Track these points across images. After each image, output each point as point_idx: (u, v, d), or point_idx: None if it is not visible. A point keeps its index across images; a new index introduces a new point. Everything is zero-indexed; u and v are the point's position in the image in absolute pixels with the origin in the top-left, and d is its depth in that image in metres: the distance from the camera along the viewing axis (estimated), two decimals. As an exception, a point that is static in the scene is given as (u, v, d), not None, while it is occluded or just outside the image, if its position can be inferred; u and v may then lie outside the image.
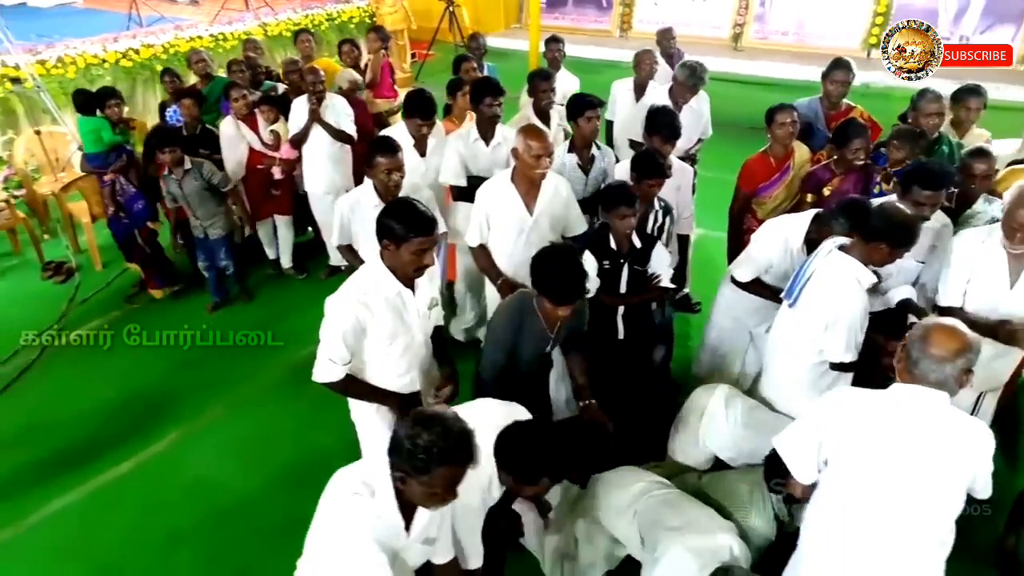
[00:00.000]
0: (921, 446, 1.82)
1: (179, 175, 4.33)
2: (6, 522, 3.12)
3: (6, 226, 5.28)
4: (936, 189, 2.82)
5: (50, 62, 6.33)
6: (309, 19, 8.79)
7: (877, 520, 1.87)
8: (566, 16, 12.60)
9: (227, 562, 2.97)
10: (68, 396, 3.95)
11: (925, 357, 1.81)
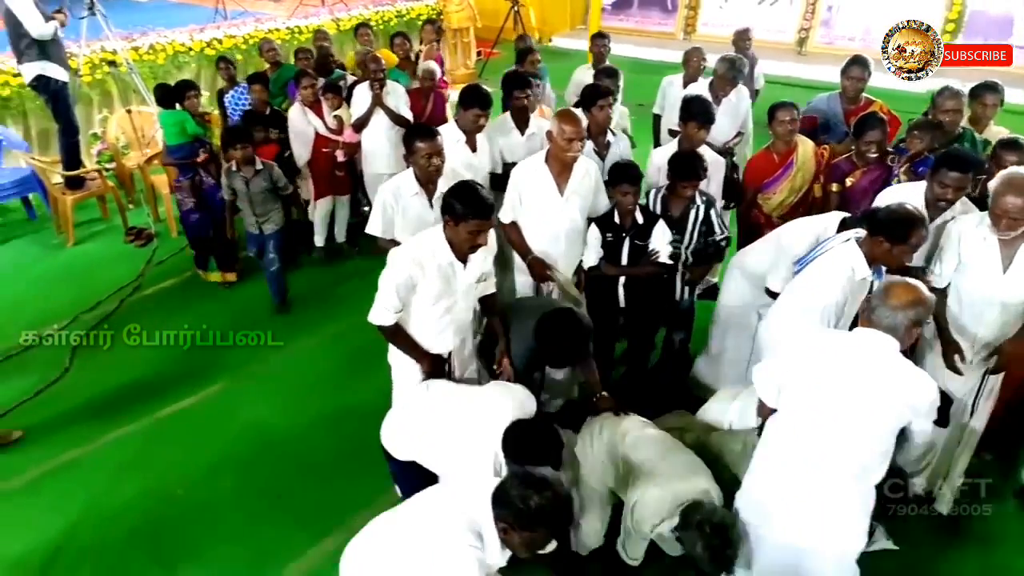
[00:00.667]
0: (861, 381, 2.03)
1: (248, 173, 4.45)
2: (81, 441, 3.60)
3: (96, 193, 5.88)
4: (963, 172, 2.89)
5: (143, 49, 6.98)
6: (379, 15, 9.26)
7: (812, 440, 2.10)
8: (630, 18, 12.76)
9: (265, 488, 3.35)
10: (145, 337, 4.42)
11: (882, 305, 2.04)
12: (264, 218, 4.61)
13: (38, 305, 4.79)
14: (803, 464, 2.14)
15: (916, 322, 2.02)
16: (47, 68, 5.42)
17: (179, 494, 3.30)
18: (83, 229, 5.85)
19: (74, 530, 3.10)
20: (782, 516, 2.21)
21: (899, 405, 2.00)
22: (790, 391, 2.16)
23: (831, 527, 2.15)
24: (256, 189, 4.49)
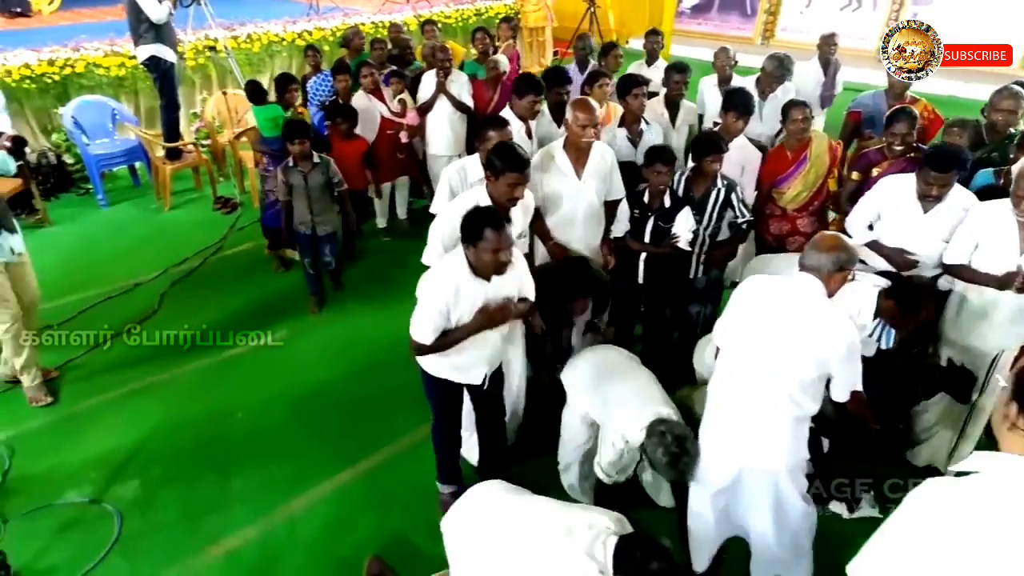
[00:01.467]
0: (785, 318, 2.30)
1: (306, 168, 4.47)
2: (161, 370, 4.17)
3: (191, 165, 6.58)
4: (942, 171, 3.08)
5: (241, 38, 7.69)
6: (459, 13, 9.74)
7: (745, 372, 2.38)
8: (709, 22, 12.83)
9: (310, 422, 3.82)
10: (218, 294, 5.03)
11: (810, 249, 2.33)
12: (320, 217, 4.60)
13: (136, 257, 5.46)
14: (739, 393, 2.41)
15: (839, 266, 2.28)
16: (159, 50, 6.12)
17: (238, 417, 3.82)
18: (178, 196, 6.56)
19: (149, 438, 3.65)
20: (725, 438, 2.50)
21: (817, 340, 2.24)
22: (730, 328, 2.44)
23: (760, 448, 2.41)
24: (314, 183, 4.51)
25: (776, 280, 2.42)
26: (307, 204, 4.53)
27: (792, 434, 2.39)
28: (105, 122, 6.60)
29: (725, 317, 2.48)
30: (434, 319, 2.66)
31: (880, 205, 3.38)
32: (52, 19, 9.37)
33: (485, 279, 2.69)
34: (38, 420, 3.78)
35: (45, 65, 6.46)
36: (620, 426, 2.74)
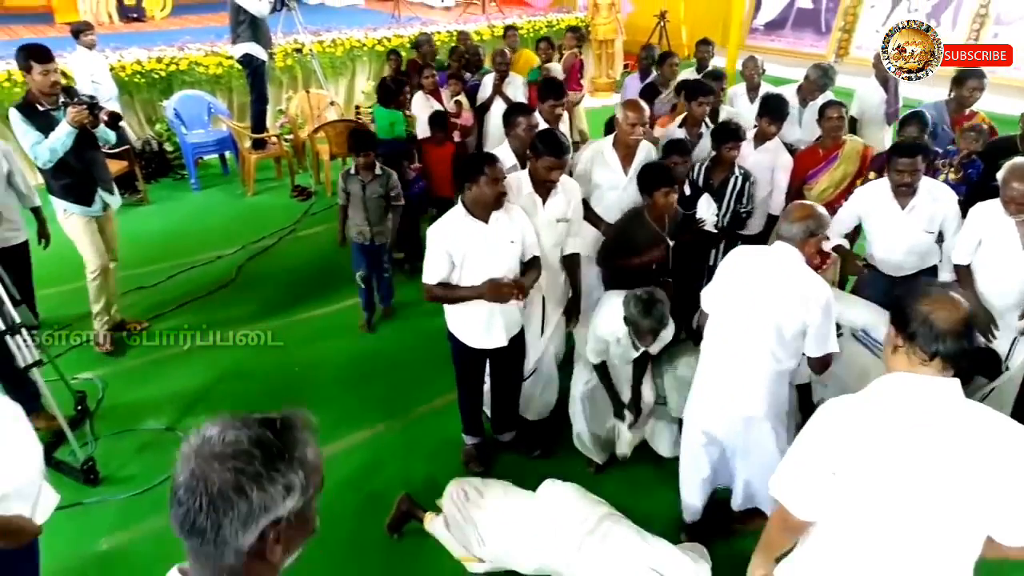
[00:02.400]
0: (763, 281, 2.57)
1: (367, 178, 4.48)
2: (233, 327, 4.68)
3: (274, 155, 7.24)
4: (910, 156, 3.33)
5: (326, 42, 8.34)
6: (531, 23, 10.19)
7: (727, 330, 2.67)
8: (782, 39, 12.83)
9: (358, 379, 4.25)
10: (288, 269, 5.59)
11: (783, 221, 2.60)
12: (378, 228, 4.56)
13: (220, 234, 6.08)
14: (726, 350, 2.70)
15: (810, 233, 2.53)
16: (253, 48, 6.79)
17: (295, 371, 4.30)
18: (261, 184, 7.20)
19: (218, 383, 4.16)
20: (713, 390, 2.78)
21: (794, 300, 2.49)
22: (716, 294, 2.72)
23: (743, 397, 2.69)
24: (371, 194, 4.48)
25: (756, 249, 2.69)
26: (364, 214, 4.51)
27: (771, 386, 2.65)
28: (202, 114, 7.34)
29: (712, 284, 2.76)
30: (437, 262, 2.99)
31: (859, 211, 3.63)
32: (163, 23, 10.33)
33: (483, 220, 2.99)
34: (130, 362, 4.36)
35: (153, 62, 7.26)
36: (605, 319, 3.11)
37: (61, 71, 6.18)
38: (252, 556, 1.06)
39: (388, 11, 11.23)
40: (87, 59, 6.55)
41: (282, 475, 1.05)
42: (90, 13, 9.74)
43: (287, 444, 1.08)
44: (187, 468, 1.03)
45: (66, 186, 4.01)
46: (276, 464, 1.05)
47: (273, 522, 1.05)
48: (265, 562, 1.07)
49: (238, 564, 1.05)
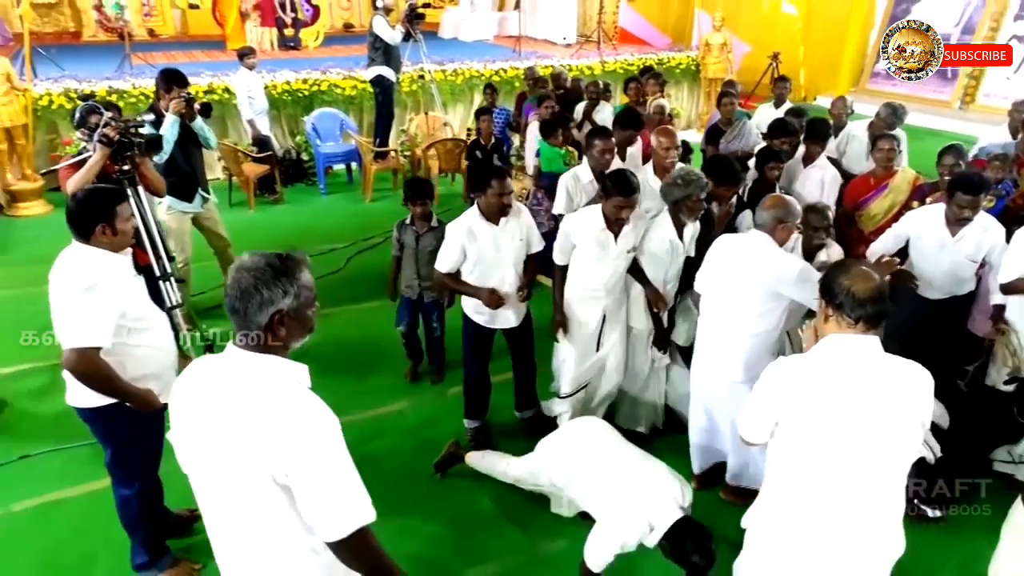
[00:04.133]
0: (740, 261, 3.03)
1: (422, 229, 4.32)
2: (335, 305, 5.47)
3: (392, 167, 8.17)
4: (972, 194, 3.49)
5: (448, 72, 9.26)
6: (641, 61, 10.71)
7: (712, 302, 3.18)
8: (906, 84, 12.56)
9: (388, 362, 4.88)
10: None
11: (758, 210, 3.04)
12: (428, 282, 4.34)
13: (338, 231, 6.98)
14: (710, 320, 3.18)
15: (778, 220, 2.96)
16: (384, 71, 7.81)
17: (381, 345, 4.97)
18: (378, 192, 8.12)
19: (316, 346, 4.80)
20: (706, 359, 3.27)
21: (766, 276, 2.93)
22: (705, 275, 3.22)
23: (727, 361, 3.14)
24: (424, 246, 4.28)
25: (735, 236, 3.17)
26: (415, 266, 4.34)
27: (749, 352, 3.07)
28: (335, 129, 8.40)
29: (702, 269, 3.25)
30: (452, 253, 3.57)
31: (909, 233, 3.81)
32: (315, 52, 11.68)
33: (494, 222, 3.54)
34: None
35: (299, 83, 8.42)
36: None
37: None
38: (268, 331, 1.69)
39: (509, 46, 12.12)
40: (247, 78, 7.73)
41: (281, 284, 1.68)
42: (256, 42, 11.22)
43: (287, 267, 1.71)
44: (231, 277, 1.69)
45: (173, 184, 4.49)
46: (278, 277, 1.68)
47: (277, 311, 1.68)
48: (275, 336, 1.71)
49: (262, 335, 1.70)
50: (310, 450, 1.63)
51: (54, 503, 3.53)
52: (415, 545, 3.31)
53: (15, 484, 3.64)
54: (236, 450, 1.66)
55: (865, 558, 2.09)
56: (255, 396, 1.67)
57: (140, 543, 3.02)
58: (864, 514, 2.06)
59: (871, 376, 2.01)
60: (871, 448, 2.01)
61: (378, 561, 1.75)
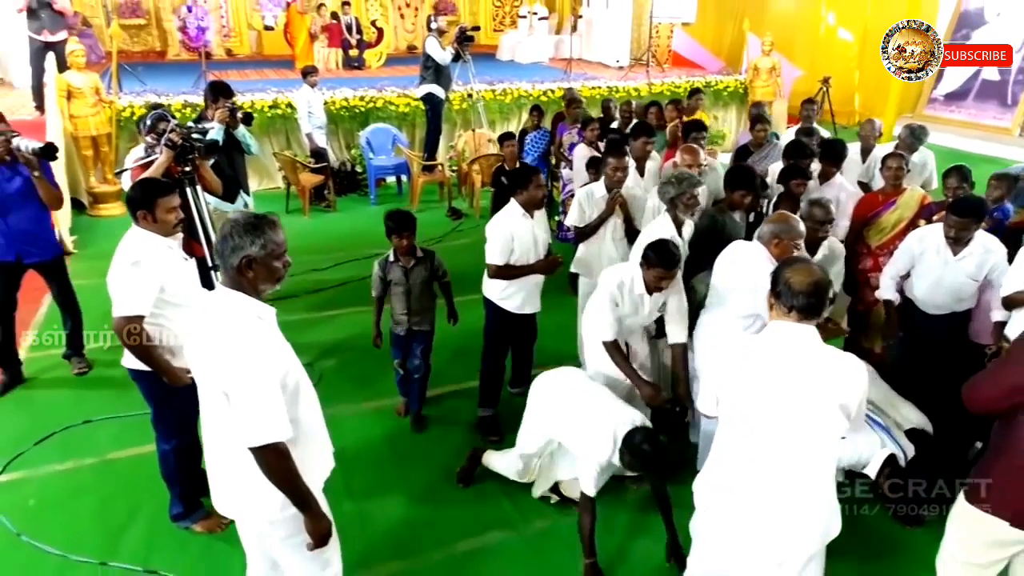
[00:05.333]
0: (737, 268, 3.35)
1: (408, 263, 4.15)
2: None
3: (438, 180, 8.62)
4: (960, 216, 3.61)
5: (498, 91, 9.70)
6: (688, 83, 10.91)
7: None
8: (963, 110, 12.40)
9: (455, 358, 5.20)
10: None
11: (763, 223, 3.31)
12: (419, 316, 4.23)
13: (382, 238, 7.20)
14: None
15: (774, 235, 3.19)
16: (435, 88, 8.32)
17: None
18: (425, 203, 8.58)
19: (350, 338, 5.34)
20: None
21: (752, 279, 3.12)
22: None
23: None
24: (416, 279, 4.16)
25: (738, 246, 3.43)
26: (405, 302, 4.19)
27: None
28: (387, 144, 8.91)
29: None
30: (505, 247, 3.95)
31: (913, 253, 3.92)
32: (376, 71, 12.34)
33: (530, 216, 3.99)
34: (293, 317, 5.69)
35: (357, 100, 8.99)
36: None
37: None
38: (239, 272, 2.13)
39: (561, 68, 12.50)
40: (308, 94, 8.32)
41: (251, 235, 2.12)
42: (322, 62, 11.94)
43: (259, 223, 2.14)
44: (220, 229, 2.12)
45: None
46: (250, 229, 2.12)
47: (246, 256, 2.11)
48: (245, 279, 2.14)
49: (234, 275, 2.13)
50: (239, 371, 2.05)
51: (110, 461, 4.01)
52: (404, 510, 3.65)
53: (79, 444, 4.15)
54: (206, 364, 2.14)
55: (792, 527, 2.30)
56: (218, 323, 2.12)
57: (176, 496, 3.44)
58: (789, 485, 2.27)
59: (799, 361, 2.23)
60: (793, 425, 2.23)
61: (285, 478, 2.14)
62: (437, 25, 8.32)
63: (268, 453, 2.08)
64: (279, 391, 2.09)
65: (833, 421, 2.21)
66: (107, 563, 3.29)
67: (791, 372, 2.23)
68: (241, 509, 2.36)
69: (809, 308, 2.25)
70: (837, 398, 2.19)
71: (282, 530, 2.31)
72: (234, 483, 2.29)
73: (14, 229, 4.37)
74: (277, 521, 2.28)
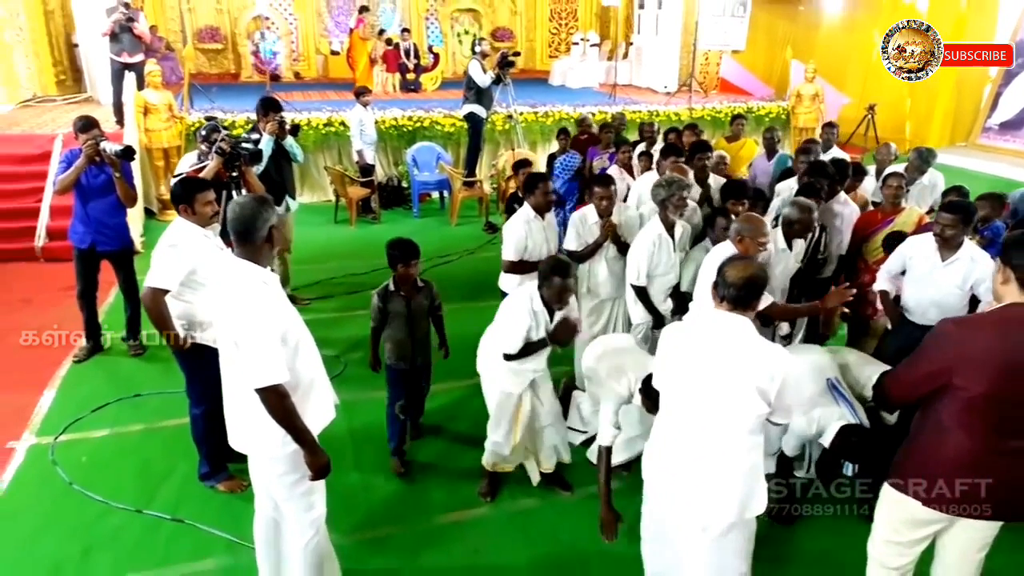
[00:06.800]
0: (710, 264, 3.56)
1: (409, 292, 3.98)
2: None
3: (477, 195, 9.07)
4: (950, 213, 3.80)
5: (540, 113, 10.15)
6: (730, 109, 11.12)
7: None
8: (1019, 139, 12.15)
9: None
10: (461, 276, 7.22)
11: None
12: (423, 348, 4.13)
13: (424, 249, 7.85)
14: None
15: (738, 234, 3.46)
16: (477, 109, 8.81)
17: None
18: (463, 218, 9.05)
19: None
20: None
21: None
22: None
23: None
24: (417, 306, 4.01)
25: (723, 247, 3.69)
26: (407, 331, 3.99)
27: None
28: (431, 161, 9.44)
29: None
30: (520, 243, 4.32)
31: (905, 256, 4.09)
32: (431, 94, 12.98)
33: (541, 216, 4.38)
34: (324, 315, 6.23)
35: (405, 119, 9.57)
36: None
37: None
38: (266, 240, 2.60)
39: (607, 92, 12.89)
40: (360, 113, 8.91)
41: (269, 209, 2.59)
42: (380, 85, 12.65)
43: (267, 201, 2.60)
44: (234, 211, 2.54)
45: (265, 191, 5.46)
46: (267, 205, 2.60)
47: (272, 226, 2.59)
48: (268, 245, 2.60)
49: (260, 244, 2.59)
50: (246, 324, 2.47)
51: (154, 429, 4.53)
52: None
53: (129, 413, 4.71)
54: (222, 319, 2.57)
55: (712, 497, 2.56)
56: (231, 286, 2.54)
57: (204, 456, 3.91)
58: (710, 459, 2.54)
59: (725, 347, 2.49)
60: (714, 405, 2.49)
61: (284, 417, 2.55)
62: (481, 49, 8.85)
63: (270, 394, 2.50)
64: (279, 342, 2.52)
65: (750, 404, 2.45)
66: (142, 511, 3.78)
67: (716, 357, 2.49)
68: (249, 445, 2.78)
69: (738, 299, 2.52)
70: (755, 383, 2.43)
71: (280, 466, 2.73)
72: (244, 422, 2.72)
73: (93, 219, 5.03)
74: (276, 457, 2.70)
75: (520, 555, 3.60)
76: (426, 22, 15.32)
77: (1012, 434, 2.37)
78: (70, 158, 4.93)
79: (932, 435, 2.51)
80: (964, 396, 2.37)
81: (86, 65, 11.32)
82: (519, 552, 3.62)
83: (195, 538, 3.63)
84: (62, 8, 11.66)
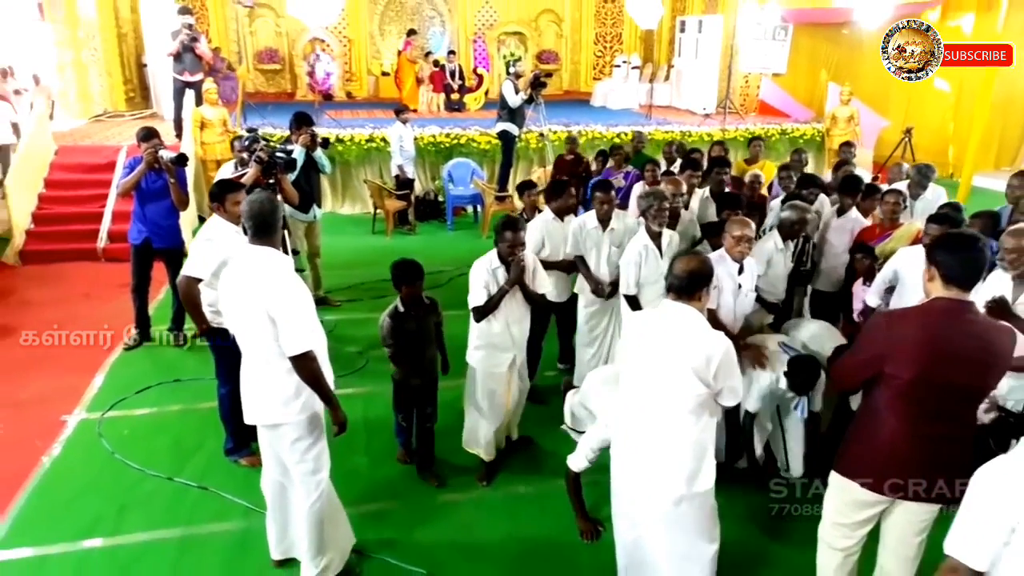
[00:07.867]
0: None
1: (418, 312, 4.01)
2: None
3: (509, 209, 9.38)
4: (938, 224, 4.03)
5: (573, 132, 10.46)
6: (764, 131, 11.24)
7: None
8: (1066, 164, 11.90)
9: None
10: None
11: None
12: (431, 363, 4.17)
13: (451, 258, 8.23)
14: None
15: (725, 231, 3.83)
16: (509, 127, 9.22)
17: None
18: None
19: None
20: None
21: None
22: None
23: None
24: (428, 326, 4.09)
25: None
26: (421, 352, 4.05)
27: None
28: (466, 176, 9.87)
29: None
30: (535, 246, 4.73)
31: (897, 267, 4.20)
32: (474, 113, 13.47)
33: (560, 220, 4.89)
34: (353, 315, 6.64)
35: (443, 136, 10.03)
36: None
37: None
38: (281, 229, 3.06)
39: (644, 112, 13.16)
40: (400, 130, 9.41)
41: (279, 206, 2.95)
42: (425, 104, 13.21)
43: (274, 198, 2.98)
44: (251, 207, 2.95)
45: None
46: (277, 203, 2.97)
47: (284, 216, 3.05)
48: (281, 234, 3.04)
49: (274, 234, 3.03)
50: (283, 298, 2.86)
51: (189, 411, 5.00)
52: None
53: (168, 396, 5.19)
54: (249, 297, 2.91)
55: (659, 470, 2.80)
56: (261, 267, 2.92)
57: (229, 433, 4.33)
58: (656, 436, 2.79)
59: (668, 332, 2.75)
60: (658, 385, 2.75)
61: (317, 378, 2.94)
62: (515, 70, 9.25)
63: (306, 359, 2.90)
64: (313, 312, 2.95)
65: (688, 384, 2.69)
66: (172, 479, 4.22)
67: (661, 342, 2.76)
68: (268, 415, 3.12)
69: (682, 289, 2.78)
70: (691, 364, 2.67)
71: (294, 432, 3.11)
72: (263, 395, 3.08)
73: (150, 219, 5.60)
74: (292, 423, 3.09)
75: (509, 534, 3.89)
76: (473, 45, 15.89)
77: (938, 418, 2.56)
78: (133, 164, 5.51)
79: (870, 421, 2.70)
80: (895, 383, 2.57)
81: (153, 83, 12.21)
82: (508, 531, 3.90)
83: (217, 504, 4.04)
84: (134, 31, 12.62)
